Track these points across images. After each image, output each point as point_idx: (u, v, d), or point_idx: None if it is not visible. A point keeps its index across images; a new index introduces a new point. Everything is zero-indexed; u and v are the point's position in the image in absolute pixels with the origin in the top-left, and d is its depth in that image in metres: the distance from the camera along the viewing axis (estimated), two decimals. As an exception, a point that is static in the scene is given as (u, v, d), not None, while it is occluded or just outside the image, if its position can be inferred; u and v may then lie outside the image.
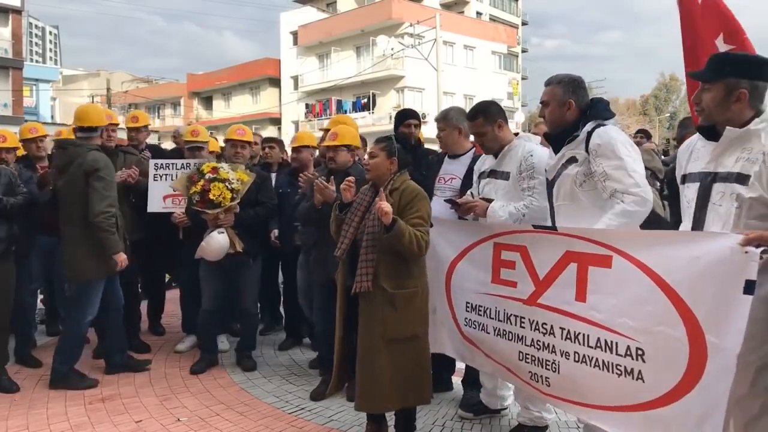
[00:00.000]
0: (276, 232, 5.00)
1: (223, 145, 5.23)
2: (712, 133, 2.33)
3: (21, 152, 5.23)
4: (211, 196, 4.15)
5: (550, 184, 2.97)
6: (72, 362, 4.20)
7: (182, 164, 4.76)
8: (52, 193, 4.35)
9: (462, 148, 3.78)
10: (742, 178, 2.18)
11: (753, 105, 2.24)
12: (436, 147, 4.85)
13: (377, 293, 2.99)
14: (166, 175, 4.79)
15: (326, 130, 4.82)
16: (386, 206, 2.87)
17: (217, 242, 4.24)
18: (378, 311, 3.00)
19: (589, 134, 2.74)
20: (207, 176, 4.20)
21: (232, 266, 4.45)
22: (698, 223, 2.33)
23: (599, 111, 2.83)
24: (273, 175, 5.28)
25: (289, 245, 4.82)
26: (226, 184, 4.18)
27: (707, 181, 2.30)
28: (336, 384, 3.32)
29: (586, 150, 2.73)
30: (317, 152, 5.18)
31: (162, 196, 4.75)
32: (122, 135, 5.80)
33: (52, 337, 5.41)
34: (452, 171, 3.75)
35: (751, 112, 2.24)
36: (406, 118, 4.64)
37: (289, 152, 5.72)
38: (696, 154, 2.42)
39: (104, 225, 4.01)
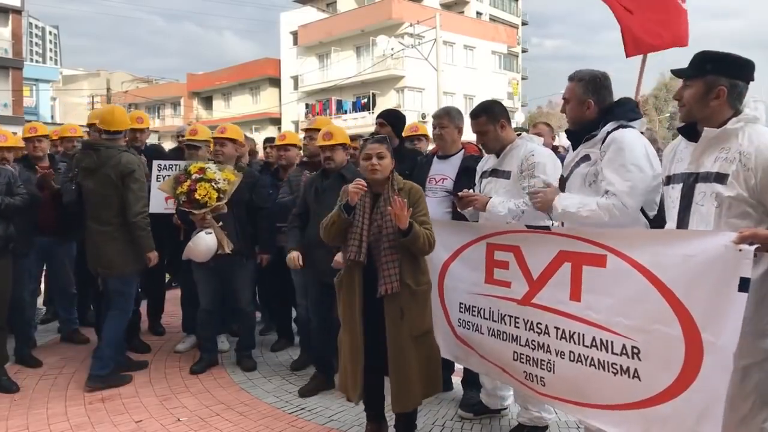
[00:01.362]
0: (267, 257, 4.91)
1: None
2: (692, 134, 2.36)
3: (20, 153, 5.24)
4: (196, 196, 4.18)
5: (563, 181, 2.94)
6: (120, 354, 4.34)
7: (185, 165, 4.76)
8: (77, 193, 4.41)
9: (456, 147, 3.81)
10: (720, 178, 2.20)
11: (731, 104, 2.26)
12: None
13: (403, 292, 2.99)
14: (168, 176, 4.78)
15: (308, 129, 4.79)
16: (405, 213, 2.85)
17: (204, 243, 4.26)
18: (405, 309, 3.00)
19: (608, 134, 2.69)
20: (194, 176, 4.23)
21: (226, 266, 4.46)
22: (682, 224, 2.35)
23: (624, 111, 2.75)
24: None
25: (273, 246, 4.81)
26: (212, 184, 4.20)
27: (690, 181, 2.32)
28: (360, 388, 3.11)
29: (601, 149, 2.70)
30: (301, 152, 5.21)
31: (164, 197, 4.74)
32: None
33: (52, 336, 5.41)
34: (443, 171, 3.75)
35: (730, 111, 2.26)
36: (376, 118, 4.75)
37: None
38: (679, 155, 2.44)
39: (142, 224, 4.20)
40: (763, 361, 2.17)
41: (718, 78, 2.25)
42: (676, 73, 2.43)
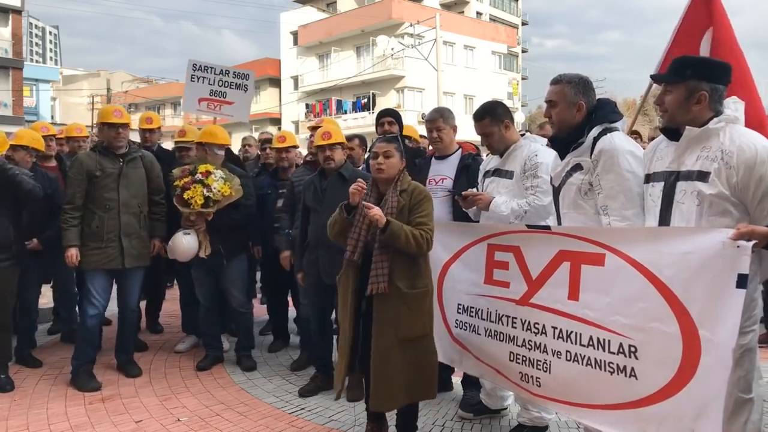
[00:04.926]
0: (259, 248, 4.98)
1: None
2: (675, 134, 2.39)
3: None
4: (185, 195, 4.20)
5: (555, 192, 2.89)
6: (81, 359, 4.20)
7: (221, 70, 5.02)
8: None
9: (453, 147, 3.81)
10: (702, 176, 2.24)
11: (712, 107, 2.32)
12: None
13: (392, 293, 2.97)
14: (203, 78, 4.96)
15: (279, 149, 4.91)
16: (376, 212, 2.87)
17: (181, 243, 4.28)
18: (393, 311, 2.98)
19: (595, 140, 2.64)
20: (197, 176, 4.23)
21: (216, 266, 4.49)
22: (664, 222, 2.38)
23: (606, 113, 2.71)
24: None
25: (271, 247, 4.80)
26: (205, 190, 4.19)
27: (671, 179, 2.35)
28: (342, 385, 3.19)
29: (591, 157, 2.65)
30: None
31: (197, 98, 4.84)
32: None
33: (52, 336, 5.42)
34: (442, 171, 3.75)
35: (711, 114, 2.31)
36: (381, 116, 4.73)
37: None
38: (659, 154, 2.46)
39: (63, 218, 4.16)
40: (741, 357, 2.20)
41: (699, 83, 2.30)
42: (656, 78, 2.45)
